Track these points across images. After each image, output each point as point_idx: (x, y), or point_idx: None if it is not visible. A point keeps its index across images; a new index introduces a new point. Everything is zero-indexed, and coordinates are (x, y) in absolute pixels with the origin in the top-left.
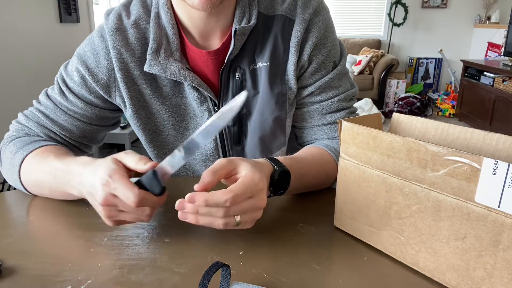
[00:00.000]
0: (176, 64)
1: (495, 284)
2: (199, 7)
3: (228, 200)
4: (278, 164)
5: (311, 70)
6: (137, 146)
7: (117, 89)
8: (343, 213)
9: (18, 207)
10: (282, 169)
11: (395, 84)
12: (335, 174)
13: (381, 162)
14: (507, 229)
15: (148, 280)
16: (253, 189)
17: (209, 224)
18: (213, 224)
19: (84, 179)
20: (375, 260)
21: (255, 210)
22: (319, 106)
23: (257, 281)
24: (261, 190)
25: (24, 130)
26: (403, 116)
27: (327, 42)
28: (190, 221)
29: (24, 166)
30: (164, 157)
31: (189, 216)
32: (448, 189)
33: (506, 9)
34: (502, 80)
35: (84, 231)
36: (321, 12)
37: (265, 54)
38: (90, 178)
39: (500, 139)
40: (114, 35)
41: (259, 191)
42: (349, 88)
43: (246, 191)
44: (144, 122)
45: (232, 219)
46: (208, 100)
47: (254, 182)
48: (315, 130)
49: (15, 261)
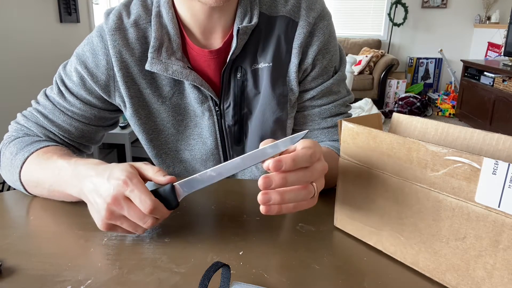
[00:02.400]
0: (177, 63)
1: (495, 284)
2: (213, 3)
3: (311, 155)
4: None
5: (314, 74)
6: (137, 146)
7: (116, 89)
8: (343, 213)
9: (18, 207)
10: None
11: (395, 84)
12: None
13: (381, 162)
14: (507, 229)
15: (148, 280)
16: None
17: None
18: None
19: (92, 178)
20: (375, 260)
21: (324, 170)
22: (320, 110)
23: (257, 281)
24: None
25: (23, 130)
26: (403, 116)
27: (330, 48)
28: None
29: (25, 167)
30: (164, 156)
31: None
32: (448, 189)
33: (506, 9)
34: (502, 80)
35: (84, 231)
36: (326, 17)
37: (268, 55)
38: (101, 177)
39: (500, 139)
40: (114, 34)
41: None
42: (346, 94)
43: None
44: (144, 122)
45: (311, 186)
46: (209, 99)
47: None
48: (316, 134)
49: (15, 261)
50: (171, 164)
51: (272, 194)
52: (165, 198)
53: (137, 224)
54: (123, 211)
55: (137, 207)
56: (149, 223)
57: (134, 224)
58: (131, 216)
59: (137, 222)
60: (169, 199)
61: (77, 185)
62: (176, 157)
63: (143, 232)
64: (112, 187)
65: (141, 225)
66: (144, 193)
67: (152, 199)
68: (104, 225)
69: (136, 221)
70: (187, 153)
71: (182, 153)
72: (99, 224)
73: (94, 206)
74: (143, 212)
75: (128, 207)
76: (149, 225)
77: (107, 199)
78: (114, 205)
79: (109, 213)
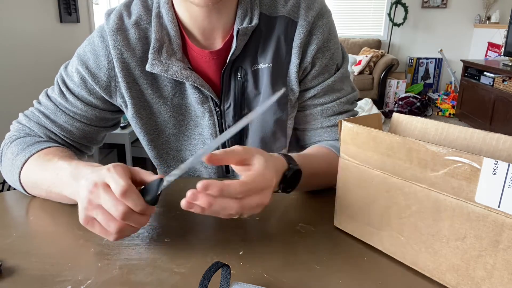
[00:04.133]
0: (178, 63)
1: (495, 284)
2: (201, 3)
3: (242, 193)
4: (293, 162)
5: (314, 73)
6: (137, 146)
7: (117, 90)
8: (343, 213)
9: (18, 207)
10: (296, 168)
11: (395, 84)
12: None
13: (381, 162)
14: (507, 229)
15: (148, 280)
16: (263, 185)
17: (215, 213)
18: (219, 213)
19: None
20: (375, 260)
21: (258, 206)
22: (322, 109)
23: (257, 281)
24: (269, 188)
25: (25, 130)
26: (403, 116)
27: (330, 45)
28: (201, 204)
29: (26, 168)
30: (165, 156)
31: (201, 200)
32: (448, 189)
33: (506, 9)
34: (502, 80)
35: (84, 231)
36: (325, 15)
37: (268, 55)
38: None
39: (500, 139)
40: (115, 35)
41: (267, 188)
42: (350, 91)
43: (257, 186)
44: (145, 122)
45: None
46: (209, 100)
47: (265, 178)
48: (319, 132)
49: (15, 261)
50: (171, 164)
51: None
52: (148, 189)
53: (110, 216)
54: (99, 199)
55: (112, 192)
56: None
57: (107, 216)
58: (105, 202)
59: (109, 210)
60: (151, 189)
61: (73, 185)
62: (177, 157)
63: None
64: (96, 175)
65: (113, 214)
66: (121, 176)
67: (127, 182)
68: (83, 217)
69: (108, 207)
70: (188, 153)
71: (183, 153)
72: (80, 216)
73: (80, 199)
74: (116, 197)
75: (104, 192)
76: (121, 215)
77: (89, 186)
78: (93, 192)
79: (88, 202)
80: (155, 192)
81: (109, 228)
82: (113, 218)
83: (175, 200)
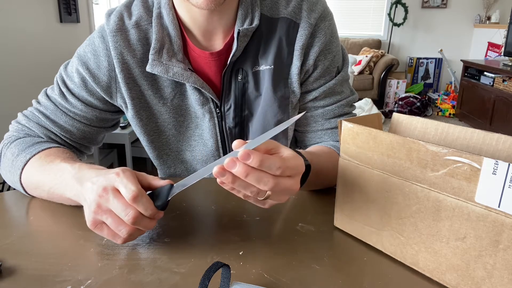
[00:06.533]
0: (178, 64)
1: (495, 284)
2: (203, 6)
3: (281, 168)
4: (304, 158)
5: (316, 75)
6: (137, 146)
7: (118, 90)
8: (343, 213)
9: (18, 207)
10: (307, 163)
11: (395, 84)
12: None
13: (381, 162)
14: (507, 229)
15: (148, 280)
16: (299, 169)
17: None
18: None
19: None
20: (375, 260)
21: (288, 191)
22: (323, 111)
23: (257, 281)
24: (300, 174)
25: (24, 130)
26: (403, 116)
27: (332, 48)
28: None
29: (27, 169)
30: (165, 157)
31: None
32: (448, 189)
33: (506, 9)
34: (502, 80)
35: (84, 231)
36: (327, 18)
37: (269, 57)
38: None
39: (500, 139)
40: (116, 35)
41: (299, 174)
42: (350, 94)
43: (294, 166)
44: (146, 123)
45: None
46: (210, 101)
47: (299, 163)
48: (319, 134)
49: (15, 261)
50: (172, 164)
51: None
52: (157, 194)
53: (120, 221)
54: (109, 203)
55: (122, 197)
56: (130, 216)
57: (117, 220)
58: (115, 207)
59: (119, 215)
60: (161, 194)
61: (77, 187)
62: (177, 158)
63: (123, 240)
64: (105, 180)
65: (123, 218)
66: (131, 181)
67: (137, 187)
68: (91, 220)
69: (119, 212)
70: (188, 154)
71: (183, 154)
72: (87, 220)
73: (86, 202)
74: (127, 201)
75: (114, 196)
76: (131, 220)
77: (98, 190)
78: (102, 196)
79: (97, 206)
80: (165, 197)
81: (119, 232)
82: (123, 223)
83: (175, 200)
